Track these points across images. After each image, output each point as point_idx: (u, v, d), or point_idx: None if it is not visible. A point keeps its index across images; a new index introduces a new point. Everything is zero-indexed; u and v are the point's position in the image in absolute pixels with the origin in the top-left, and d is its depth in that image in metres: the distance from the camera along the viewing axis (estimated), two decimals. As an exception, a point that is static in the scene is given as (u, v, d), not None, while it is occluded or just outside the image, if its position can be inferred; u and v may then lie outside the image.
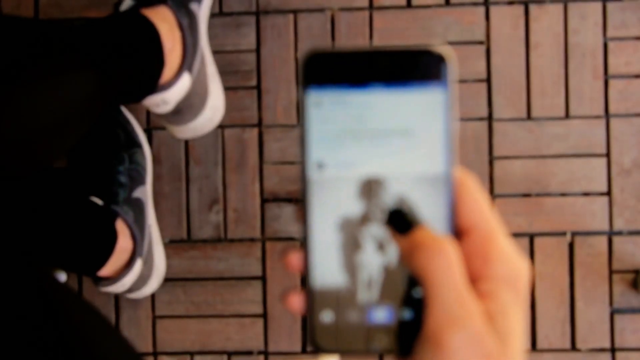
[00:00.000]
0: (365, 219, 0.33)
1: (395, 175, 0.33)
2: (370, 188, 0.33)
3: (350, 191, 0.33)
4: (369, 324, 0.33)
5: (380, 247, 0.33)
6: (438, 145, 0.32)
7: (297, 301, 0.33)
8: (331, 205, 0.33)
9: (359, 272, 0.33)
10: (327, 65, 0.33)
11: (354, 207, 0.33)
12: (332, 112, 0.33)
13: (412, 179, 0.33)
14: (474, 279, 0.32)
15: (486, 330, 0.30)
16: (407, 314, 0.33)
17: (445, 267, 0.31)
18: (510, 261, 0.32)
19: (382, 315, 0.33)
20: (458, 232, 0.33)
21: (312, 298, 0.33)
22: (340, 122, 0.33)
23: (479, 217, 0.32)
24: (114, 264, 0.90)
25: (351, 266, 0.33)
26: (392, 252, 0.33)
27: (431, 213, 0.33)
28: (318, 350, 0.33)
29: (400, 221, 0.32)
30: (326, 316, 0.33)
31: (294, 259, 0.34)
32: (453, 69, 0.32)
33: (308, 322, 0.33)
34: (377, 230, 0.33)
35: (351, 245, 0.33)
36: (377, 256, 0.33)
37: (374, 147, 0.33)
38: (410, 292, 0.33)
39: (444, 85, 0.32)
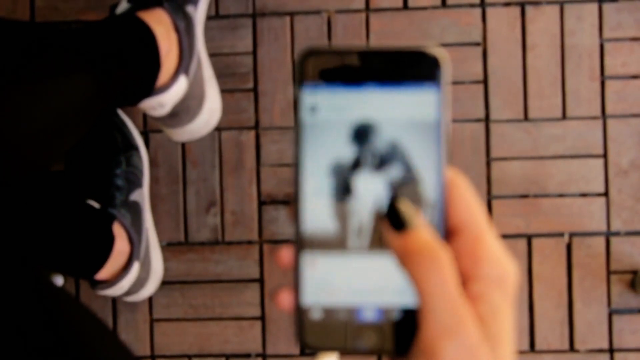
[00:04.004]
0: (357, 164, 0.33)
1: (388, 120, 0.32)
2: (362, 132, 0.32)
3: (342, 135, 0.33)
4: (358, 321, 0.33)
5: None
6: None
7: (287, 298, 0.33)
8: (323, 150, 0.33)
9: (349, 219, 0.33)
10: (322, 64, 0.33)
11: (346, 151, 0.33)
12: (326, 111, 0.33)
13: (405, 124, 0.32)
14: (464, 280, 0.32)
15: (480, 340, 0.30)
16: (397, 314, 0.33)
17: (439, 278, 0.31)
18: (499, 262, 0.32)
19: (371, 313, 0.33)
20: (448, 232, 0.33)
21: (302, 251, 0.33)
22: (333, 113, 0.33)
23: (469, 218, 0.32)
24: (111, 267, 0.90)
25: (341, 212, 0.33)
26: (383, 198, 0.33)
27: (423, 162, 0.32)
28: (305, 346, 0.33)
29: (397, 218, 0.32)
30: (315, 297, 0.33)
31: (285, 254, 0.33)
32: (447, 71, 0.32)
33: (295, 312, 0.33)
34: (368, 176, 0.33)
35: (342, 191, 0.33)
36: (367, 203, 0.33)
37: (368, 93, 0.32)
38: None
39: (437, 87, 0.32)
